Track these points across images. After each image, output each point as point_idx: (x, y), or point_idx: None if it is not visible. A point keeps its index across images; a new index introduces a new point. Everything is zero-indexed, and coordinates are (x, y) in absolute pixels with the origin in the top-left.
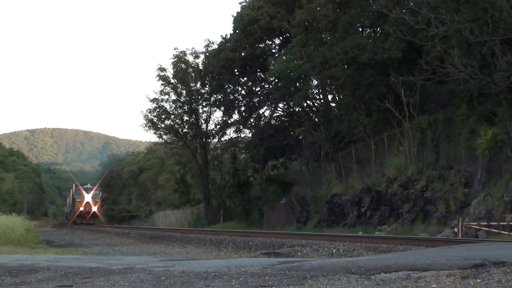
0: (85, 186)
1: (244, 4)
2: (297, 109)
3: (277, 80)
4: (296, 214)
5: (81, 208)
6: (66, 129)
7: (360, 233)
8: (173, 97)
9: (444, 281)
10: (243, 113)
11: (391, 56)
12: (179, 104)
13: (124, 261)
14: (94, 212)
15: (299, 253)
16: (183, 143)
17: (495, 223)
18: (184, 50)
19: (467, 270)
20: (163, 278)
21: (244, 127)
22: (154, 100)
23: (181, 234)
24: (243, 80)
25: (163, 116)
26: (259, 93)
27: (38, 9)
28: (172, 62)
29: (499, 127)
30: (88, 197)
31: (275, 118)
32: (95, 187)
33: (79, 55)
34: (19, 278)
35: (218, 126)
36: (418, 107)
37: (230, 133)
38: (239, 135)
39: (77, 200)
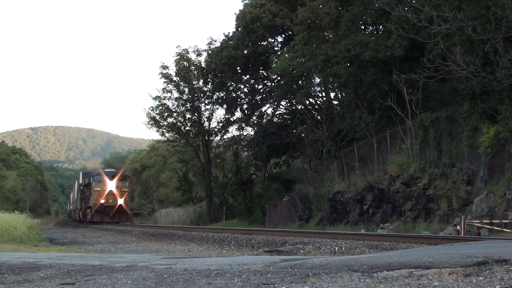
0: (106, 170)
1: (246, 2)
2: (299, 107)
3: (279, 78)
4: (298, 212)
5: (102, 201)
6: (68, 127)
7: (362, 231)
8: (176, 95)
9: (446, 279)
10: (246, 111)
11: (394, 54)
12: (181, 102)
13: (127, 259)
14: (120, 205)
15: (302, 251)
16: (185, 141)
17: (498, 221)
18: (187, 48)
19: (470, 268)
20: (165, 276)
21: (246, 125)
22: (156, 98)
23: (183, 232)
24: (245, 78)
25: (166, 114)
26: (261, 91)
27: (40, 7)
28: (174, 60)
29: (501, 125)
30: (111, 185)
31: (278, 116)
32: (121, 172)
33: (82, 53)
34: (21, 276)
35: (220, 124)
36: (420, 105)
37: (233, 131)
38: (241, 133)
39: (95, 189)
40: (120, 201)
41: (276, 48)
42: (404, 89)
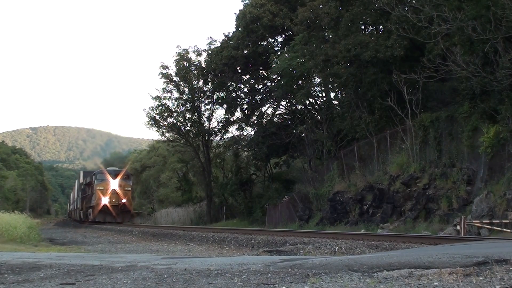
0: (109, 169)
1: (246, 2)
2: (299, 107)
3: (279, 78)
4: (298, 212)
5: (105, 200)
6: (68, 127)
7: (362, 231)
8: (176, 94)
9: (446, 279)
10: (246, 111)
11: (394, 54)
12: (181, 102)
13: (127, 259)
14: (124, 204)
15: (302, 251)
16: (185, 141)
17: (498, 221)
18: (187, 48)
19: (470, 268)
20: (165, 276)
21: (246, 125)
22: (156, 97)
23: (183, 232)
24: (245, 78)
25: (166, 114)
26: (261, 91)
27: (40, 7)
28: (174, 60)
29: (501, 125)
30: (114, 184)
31: (278, 116)
32: (124, 171)
33: (82, 53)
34: (21, 276)
35: (220, 124)
36: (420, 105)
37: (233, 131)
38: (241, 133)
39: (98, 188)
40: (124, 201)
41: (276, 48)
42: (404, 89)
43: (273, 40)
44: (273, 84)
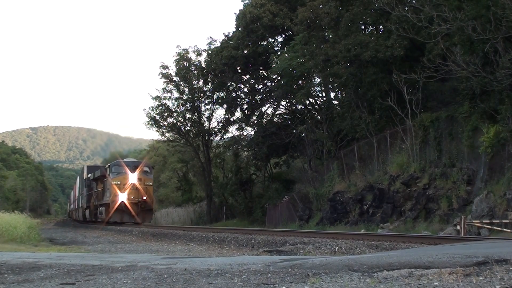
0: (127, 160)
1: (246, 2)
2: (299, 107)
3: (279, 78)
4: (298, 212)
5: (123, 197)
6: (68, 127)
7: (362, 231)
8: (176, 95)
9: (446, 279)
10: (246, 111)
11: (394, 54)
12: (181, 101)
13: (127, 258)
14: (145, 201)
15: (302, 251)
16: (185, 141)
17: (498, 221)
18: (187, 48)
19: (470, 268)
20: (165, 276)
21: (246, 125)
22: (156, 98)
23: (183, 232)
24: (245, 78)
25: (166, 114)
26: (261, 91)
27: (40, 7)
28: (174, 60)
29: (501, 125)
30: (133, 178)
31: (278, 116)
32: (144, 163)
33: (82, 53)
34: (21, 275)
35: (220, 124)
36: (420, 104)
37: (233, 130)
38: (241, 132)
39: (114, 183)
40: (144, 197)
41: (276, 48)
42: (404, 89)
43: (273, 40)
44: (273, 84)
